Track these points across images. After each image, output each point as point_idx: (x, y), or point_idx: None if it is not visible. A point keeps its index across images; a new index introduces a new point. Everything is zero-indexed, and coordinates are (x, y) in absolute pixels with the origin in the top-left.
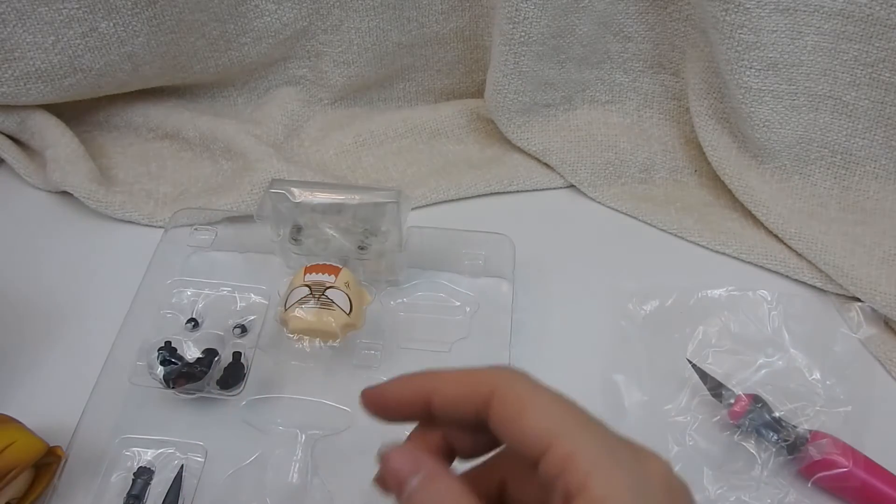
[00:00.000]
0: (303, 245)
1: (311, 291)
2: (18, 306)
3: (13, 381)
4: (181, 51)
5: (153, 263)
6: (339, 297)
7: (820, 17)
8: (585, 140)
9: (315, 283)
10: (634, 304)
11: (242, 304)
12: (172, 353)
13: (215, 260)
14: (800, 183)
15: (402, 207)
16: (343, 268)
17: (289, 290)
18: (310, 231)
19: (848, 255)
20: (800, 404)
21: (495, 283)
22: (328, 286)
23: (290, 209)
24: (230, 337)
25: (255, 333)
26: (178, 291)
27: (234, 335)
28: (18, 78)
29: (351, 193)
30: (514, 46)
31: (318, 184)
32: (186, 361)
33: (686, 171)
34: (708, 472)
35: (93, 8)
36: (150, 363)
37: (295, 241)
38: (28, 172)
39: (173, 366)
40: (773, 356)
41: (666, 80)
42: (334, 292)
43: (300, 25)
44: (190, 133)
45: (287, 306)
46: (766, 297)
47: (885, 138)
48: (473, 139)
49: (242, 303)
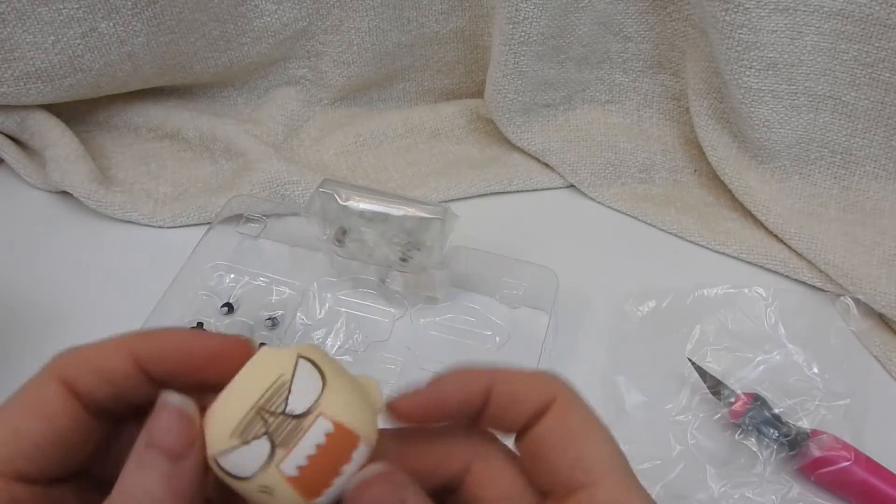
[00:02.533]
0: (346, 248)
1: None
2: (18, 306)
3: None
4: (181, 51)
5: (201, 245)
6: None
7: (819, 17)
8: (585, 140)
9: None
10: (631, 304)
11: (277, 297)
12: None
13: (264, 250)
14: (800, 183)
15: (447, 225)
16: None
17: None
18: (354, 235)
19: (848, 254)
20: (799, 399)
21: (531, 315)
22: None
23: (337, 211)
24: (259, 327)
25: (282, 328)
26: (220, 275)
27: (265, 326)
28: (18, 78)
29: (397, 204)
30: (514, 46)
31: (367, 189)
32: None
33: (686, 171)
34: (711, 470)
35: (93, 8)
36: None
37: (339, 242)
38: (28, 172)
39: None
40: (772, 352)
41: (666, 80)
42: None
43: (300, 25)
44: (190, 133)
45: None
46: (761, 293)
47: (885, 138)
48: (473, 139)
49: (277, 296)
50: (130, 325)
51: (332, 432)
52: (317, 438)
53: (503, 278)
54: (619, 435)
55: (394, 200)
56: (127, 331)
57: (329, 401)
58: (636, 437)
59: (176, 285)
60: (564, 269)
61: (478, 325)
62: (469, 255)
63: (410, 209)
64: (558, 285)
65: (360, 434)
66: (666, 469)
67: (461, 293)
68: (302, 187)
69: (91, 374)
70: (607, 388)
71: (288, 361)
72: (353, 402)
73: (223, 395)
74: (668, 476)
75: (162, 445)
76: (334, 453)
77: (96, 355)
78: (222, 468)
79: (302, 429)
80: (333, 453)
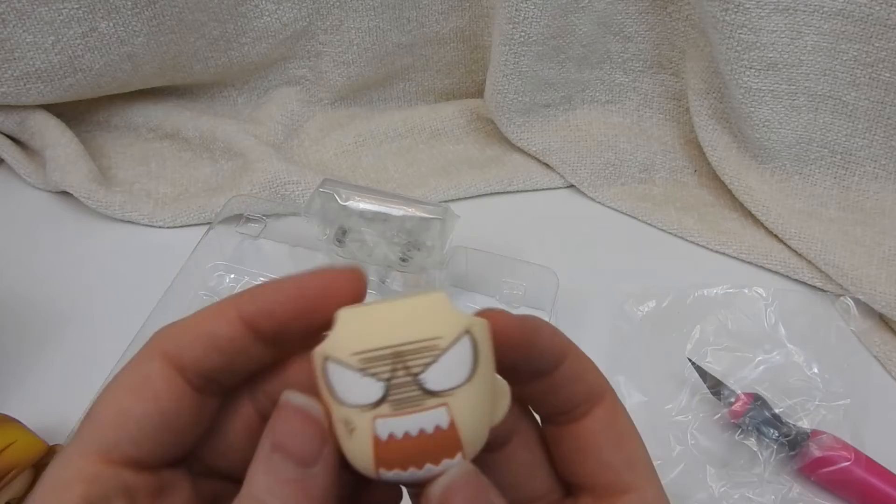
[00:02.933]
0: (346, 248)
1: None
2: (17, 306)
3: (13, 381)
4: (181, 51)
5: (201, 245)
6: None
7: (820, 17)
8: (585, 140)
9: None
10: (631, 304)
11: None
12: None
13: (264, 250)
14: (800, 183)
15: (447, 225)
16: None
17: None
18: (354, 235)
19: (848, 254)
20: (799, 399)
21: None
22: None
23: (337, 211)
24: None
25: None
26: (220, 275)
27: None
28: (18, 78)
29: (397, 204)
30: (514, 46)
31: (367, 189)
32: None
33: (686, 171)
34: (711, 470)
35: (93, 8)
36: None
37: (339, 242)
38: (28, 172)
39: None
40: (772, 352)
41: (666, 80)
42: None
43: (300, 25)
44: (190, 133)
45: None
46: (761, 293)
47: (885, 138)
48: (473, 139)
49: None
50: (130, 325)
51: (444, 430)
52: (427, 424)
53: (503, 278)
54: None
55: (394, 200)
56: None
57: (462, 396)
58: None
59: (176, 285)
60: (564, 269)
61: None
62: (469, 255)
63: (410, 209)
64: (558, 285)
65: (466, 447)
66: (666, 469)
67: (461, 293)
68: (302, 187)
69: (195, 344)
70: None
71: (454, 326)
72: (480, 408)
73: (376, 306)
74: (668, 476)
75: (290, 450)
76: (431, 449)
77: (199, 323)
78: (325, 372)
79: (421, 405)
80: (430, 448)
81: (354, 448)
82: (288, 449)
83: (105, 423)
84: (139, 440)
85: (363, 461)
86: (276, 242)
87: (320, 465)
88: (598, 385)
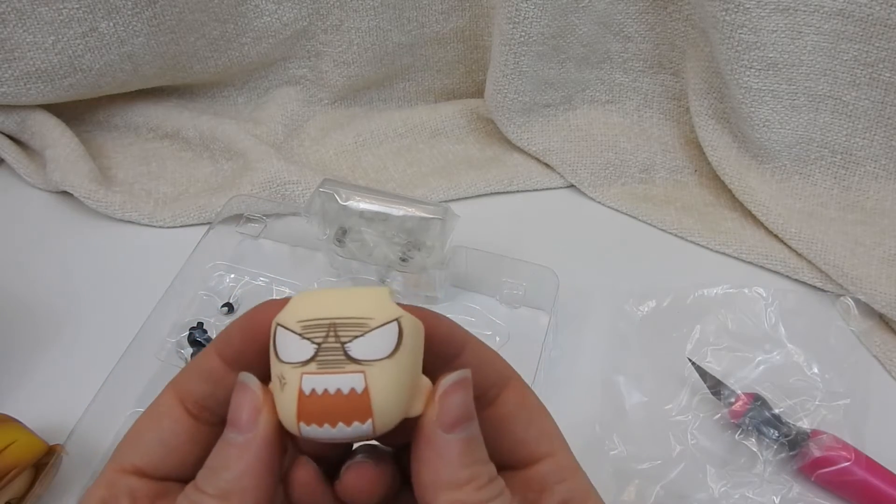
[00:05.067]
0: (346, 248)
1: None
2: (18, 306)
3: (13, 381)
4: (181, 51)
5: (201, 245)
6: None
7: (820, 17)
8: (585, 140)
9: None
10: (631, 304)
11: (277, 297)
12: (202, 334)
13: (264, 250)
14: (800, 183)
15: (447, 225)
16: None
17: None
18: (354, 235)
19: (848, 254)
20: (799, 399)
21: (531, 315)
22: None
23: (337, 211)
24: None
25: None
26: (220, 275)
27: None
28: (18, 78)
29: (397, 204)
30: (514, 46)
31: (367, 189)
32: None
33: (686, 171)
34: (711, 470)
35: (93, 8)
36: (180, 342)
37: (339, 242)
38: (28, 172)
39: (201, 347)
40: (772, 352)
41: (666, 80)
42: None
43: (300, 25)
44: (190, 133)
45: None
46: (761, 293)
47: (885, 138)
48: (473, 139)
49: (277, 295)
50: (130, 325)
51: (358, 394)
52: (344, 385)
53: (503, 278)
54: (619, 435)
55: (394, 200)
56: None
57: (379, 369)
58: (636, 437)
59: (176, 285)
60: (564, 269)
61: (478, 324)
62: (469, 255)
63: (410, 209)
64: (558, 285)
65: (376, 417)
66: (666, 469)
67: (461, 293)
68: (302, 187)
69: (192, 378)
70: (607, 388)
71: (387, 314)
72: (396, 386)
73: (327, 290)
74: (669, 476)
75: (233, 419)
76: (345, 409)
77: (198, 360)
78: (275, 336)
79: (342, 368)
80: (344, 408)
81: (284, 401)
82: (232, 418)
83: (125, 441)
84: (144, 453)
85: (288, 414)
86: (277, 242)
87: (259, 430)
88: (504, 370)
